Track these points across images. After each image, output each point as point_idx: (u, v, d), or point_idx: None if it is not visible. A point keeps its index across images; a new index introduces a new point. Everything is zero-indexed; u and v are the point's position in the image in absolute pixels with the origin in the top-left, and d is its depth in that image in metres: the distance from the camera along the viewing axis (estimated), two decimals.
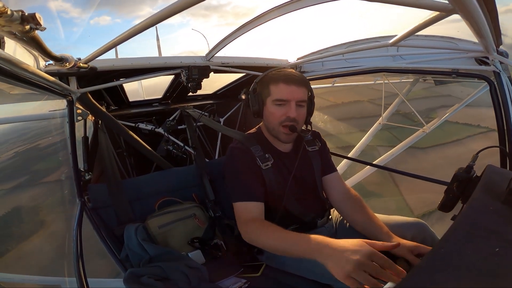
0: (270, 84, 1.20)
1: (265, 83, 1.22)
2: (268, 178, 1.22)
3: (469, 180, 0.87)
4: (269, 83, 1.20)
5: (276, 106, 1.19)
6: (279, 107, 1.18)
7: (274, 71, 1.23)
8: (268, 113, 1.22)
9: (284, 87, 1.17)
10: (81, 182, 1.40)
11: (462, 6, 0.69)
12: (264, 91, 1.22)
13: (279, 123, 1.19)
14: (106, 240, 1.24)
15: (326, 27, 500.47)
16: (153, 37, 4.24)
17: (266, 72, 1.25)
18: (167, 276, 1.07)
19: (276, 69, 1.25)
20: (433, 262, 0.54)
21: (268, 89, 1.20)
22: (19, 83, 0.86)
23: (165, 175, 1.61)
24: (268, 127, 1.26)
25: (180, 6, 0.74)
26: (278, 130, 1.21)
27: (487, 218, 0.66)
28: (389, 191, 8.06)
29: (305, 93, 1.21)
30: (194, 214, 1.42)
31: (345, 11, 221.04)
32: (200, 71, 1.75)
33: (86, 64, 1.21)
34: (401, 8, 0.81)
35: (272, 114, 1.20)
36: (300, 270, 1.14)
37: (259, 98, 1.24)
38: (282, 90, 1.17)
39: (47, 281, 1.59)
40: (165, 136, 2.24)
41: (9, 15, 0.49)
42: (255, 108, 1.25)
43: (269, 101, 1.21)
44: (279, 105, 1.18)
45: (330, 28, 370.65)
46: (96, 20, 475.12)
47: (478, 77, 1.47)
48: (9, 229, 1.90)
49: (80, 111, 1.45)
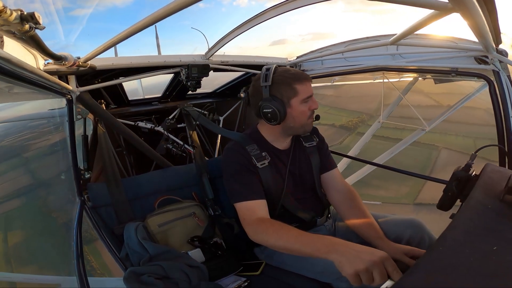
0: (295, 84, 1.17)
1: (285, 84, 1.17)
2: (265, 177, 1.22)
3: (467, 179, 0.87)
4: (293, 84, 1.17)
5: (305, 103, 1.20)
6: (306, 104, 1.21)
7: (285, 72, 1.20)
8: (297, 113, 1.20)
9: (309, 84, 1.21)
10: (80, 181, 1.40)
11: (462, 5, 0.69)
12: (287, 93, 1.18)
13: (308, 117, 1.23)
14: (106, 239, 1.24)
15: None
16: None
17: (277, 75, 1.19)
18: (167, 274, 1.07)
19: (286, 69, 1.22)
20: (431, 261, 0.54)
21: (293, 90, 1.17)
22: (19, 82, 0.86)
23: (165, 173, 1.61)
24: (294, 126, 1.23)
25: (179, 5, 0.74)
26: (307, 123, 1.24)
27: (486, 217, 0.66)
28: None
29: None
30: (193, 213, 1.42)
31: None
32: (199, 70, 1.75)
33: (85, 63, 1.21)
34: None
35: (303, 113, 1.21)
36: (299, 268, 1.15)
37: (279, 101, 1.17)
38: (308, 87, 1.20)
39: (47, 280, 1.59)
40: (164, 134, 2.24)
41: (8, 15, 0.49)
42: (281, 114, 1.17)
43: (296, 102, 1.18)
44: (306, 102, 1.21)
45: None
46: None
47: (478, 76, 1.48)
48: (9, 228, 1.91)
49: (80, 110, 1.45)
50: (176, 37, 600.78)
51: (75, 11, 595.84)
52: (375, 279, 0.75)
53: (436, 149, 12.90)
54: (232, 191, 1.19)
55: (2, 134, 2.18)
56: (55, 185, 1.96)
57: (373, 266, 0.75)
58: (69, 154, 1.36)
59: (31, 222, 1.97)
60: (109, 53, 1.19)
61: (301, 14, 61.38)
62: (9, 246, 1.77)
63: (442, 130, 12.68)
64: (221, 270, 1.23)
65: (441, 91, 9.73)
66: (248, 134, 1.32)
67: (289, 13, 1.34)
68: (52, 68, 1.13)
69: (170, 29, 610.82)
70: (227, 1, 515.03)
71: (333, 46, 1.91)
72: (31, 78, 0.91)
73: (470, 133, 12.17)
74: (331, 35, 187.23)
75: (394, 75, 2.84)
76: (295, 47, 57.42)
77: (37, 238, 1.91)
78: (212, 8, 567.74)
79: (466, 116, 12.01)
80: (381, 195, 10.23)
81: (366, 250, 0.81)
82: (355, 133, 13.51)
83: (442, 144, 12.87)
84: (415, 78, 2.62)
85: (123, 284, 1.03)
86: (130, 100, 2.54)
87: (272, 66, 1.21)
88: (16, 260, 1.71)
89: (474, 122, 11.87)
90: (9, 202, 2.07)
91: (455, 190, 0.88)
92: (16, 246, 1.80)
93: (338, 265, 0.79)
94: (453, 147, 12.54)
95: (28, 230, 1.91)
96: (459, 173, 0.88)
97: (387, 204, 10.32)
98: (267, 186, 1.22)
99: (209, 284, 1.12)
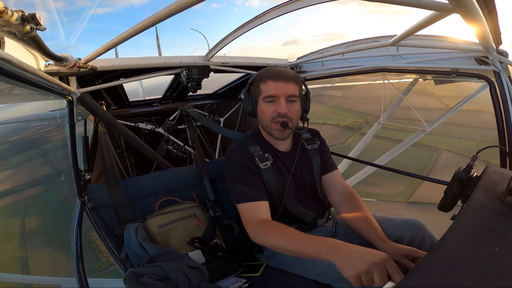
0: (260, 83, 1.22)
1: (256, 83, 1.25)
2: (268, 178, 1.22)
3: (469, 180, 0.87)
4: (259, 82, 1.23)
5: (267, 103, 1.21)
6: (270, 104, 1.20)
7: (264, 70, 1.25)
8: (260, 111, 1.25)
9: (272, 83, 1.19)
10: (81, 182, 1.40)
11: (462, 6, 0.69)
12: (256, 91, 1.25)
13: (271, 119, 1.21)
14: (106, 240, 1.24)
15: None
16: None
17: (257, 72, 1.28)
18: (167, 276, 1.07)
19: (266, 68, 1.27)
20: (433, 262, 0.54)
21: (258, 88, 1.23)
22: (19, 83, 0.86)
23: (165, 175, 1.61)
24: (262, 125, 1.29)
25: (179, 6, 0.75)
26: (271, 127, 1.22)
27: (487, 218, 0.66)
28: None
29: (295, 89, 1.21)
30: (194, 214, 1.42)
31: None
32: (200, 71, 1.75)
33: (86, 64, 1.21)
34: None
35: (264, 112, 1.22)
36: (300, 269, 1.14)
37: (252, 98, 1.27)
38: (270, 86, 1.20)
39: (47, 281, 1.59)
40: (165, 136, 2.24)
41: (9, 15, 0.49)
42: (249, 109, 1.29)
43: (260, 100, 1.23)
44: (270, 102, 1.20)
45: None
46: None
47: (478, 77, 1.47)
48: (9, 229, 1.90)
49: (80, 111, 1.45)
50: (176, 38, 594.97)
51: (96, 10, 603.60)
52: (375, 280, 0.75)
53: (437, 151, 12.94)
54: (235, 192, 1.19)
55: (2, 135, 2.18)
56: (55, 186, 1.96)
57: (374, 267, 0.76)
58: (70, 155, 1.36)
59: (31, 223, 1.97)
60: (109, 54, 1.20)
61: (314, 14, 60.47)
62: (9, 246, 1.77)
63: (446, 132, 12.78)
64: (221, 271, 1.23)
65: (448, 93, 9.74)
66: (250, 135, 1.33)
67: (302, 14, 1.37)
68: (52, 69, 1.13)
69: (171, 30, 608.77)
70: (239, 2, 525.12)
71: (333, 47, 1.91)
72: (31, 79, 0.91)
73: (475, 136, 12.24)
74: (344, 36, 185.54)
75: (395, 76, 2.85)
76: (308, 48, 58.77)
77: (37, 239, 1.90)
78: (225, 8, 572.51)
79: (472, 119, 12.05)
80: (377, 192, 10.50)
81: (367, 252, 0.81)
82: (359, 133, 13.62)
83: (444, 146, 12.93)
84: (415, 79, 2.62)
85: (123, 285, 1.03)
86: (131, 101, 2.54)
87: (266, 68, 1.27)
88: (16, 260, 1.70)
89: (480, 126, 11.92)
90: (9, 202, 2.06)
91: (456, 191, 0.87)
92: (16, 246, 1.80)
93: (339, 266, 0.80)
94: (455, 150, 12.58)
95: (28, 231, 1.90)
96: (460, 174, 0.88)
97: (381, 201, 10.49)
98: (269, 187, 1.22)
99: (209, 285, 1.11)
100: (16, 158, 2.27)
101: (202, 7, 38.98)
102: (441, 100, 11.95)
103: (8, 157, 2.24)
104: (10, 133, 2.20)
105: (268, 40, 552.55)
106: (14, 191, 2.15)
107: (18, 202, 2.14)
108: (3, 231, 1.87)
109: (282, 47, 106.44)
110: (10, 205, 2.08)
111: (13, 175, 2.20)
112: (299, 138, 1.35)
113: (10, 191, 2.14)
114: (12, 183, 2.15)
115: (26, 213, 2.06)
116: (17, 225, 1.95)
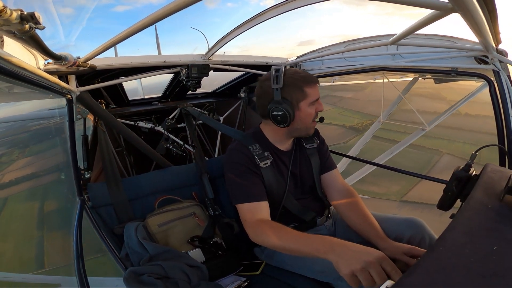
0: (305, 87, 1.18)
1: (295, 87, 1.17)
2: (267, 177, 1.22)
3: (468, 179, 0.87)
4: (303, 86, 1.17)
5: (312, 106, 1.21)
6: (313, 107, 1.22)
7: (296, 74, 1.20)
8: (304, 115, 1.21)
9: (316, 86, 1.21)
10: (80, 181, 1.40)
11: (462, 5, 0.69)
12: (296, 95, 1.18)
13: (312, 120, 1.24)
14: (106, 239, 1.24)
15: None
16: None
17: (289, 76, 1.18)
18: (167, 274, 1.07)
19: (295, 71, 1.23)
20: (432, 261, 0.54)
21: (302, 93, 1.18)
22: (19, 82, 0.86)
23: (165, 173, 1.61)
24: (299, 128, 1.24)
25: (178, 5, 0.74)
26: (311, 126, 1.26)
27: (486, 217, 0.66)
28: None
29: None
30: (194, 213, 1.42)
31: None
32: (199, 70, 1.75)
33: (85, 62, 1.21)
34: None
35: (310, 115, 1.22)
36: (299, 268, 1.15)
37: (288, 103, 1.17)
38: (316, 90, 1.21)
39: (47, 280, 1.59)
40: (164, 134, 2.24)
41: (9, 14, 0.49)
42: (291, 117, 1.18)
43: (304, 104, 1.19)
44: (314, 105, 1.21)
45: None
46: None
47: (478, 76, 1.47)
48: (9, 228, 1.90)
49: (80, 110, 1.45)
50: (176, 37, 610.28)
51: (116, 8, 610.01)
52: (375, 279, 0.75)
53: (439, 154, 13.00)
54: (234, 192, 1.19)
55: (1, 133, 2.18)
56: (55, 185, 1.96)
57: (369, 266, 0.76)
58: (69, 154, 1.36)
59: (30, 222, 1.97)
60: (109, 53, 1.19)
61: (332, 15, 58.75)
62: (8, 246, 1.77)
63: (451, 136, 12.84)
64: (221, 270, 1.23)
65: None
66: (251, 134, 1.33)
67: (319, 14, 1.38)
68: (52, 68, 1.12)
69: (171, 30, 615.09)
70: (254, 1, 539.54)
71: (333, 46, 1.91)
72: (31, 78, 0.91)
73: (479, 141, 12.25)
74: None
75: (394, 75, 2.84)
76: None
77: (37, 238, 1.90)
78: (239, 8, 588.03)
79: (480, 124, 12.07)
80: (372, 190, 10.76)
81: (362, 250, 0.82)
82: (363, 134, 13.68)
83: (446, 150, 12.99)
84: (415, 78, 2.62)
85: (123, 284, 1.03)
86: (130, 100, 2.54)
87: (282, 68, 1.18)
88: (16, 260, 1.70)
89: (486, 131, 11.93)
90: (9, 202, 2.07)
91: (455, 190, 0.87)
92: (16, 246, 1.80)
93: (335, 265, 0.81)
94: (456, 153, 12.64)
95: (28, 230, 1.91)
96: (459, 173, 0.88)
97: (375, 199, 10.68)
98: (269, 186, 1.22)
99: (209, 284, 1.12)
100: (16, 157, 2.27)
101: (217, 6, 37.81)
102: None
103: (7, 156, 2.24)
104: (10, 132, 2.20)
105: (283, 39, 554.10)
106: (14, 190, 2.15)
107: (18, 201, 2.14)
108: (3, 230, 1.87)
109: (298, 47, 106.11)
110: (10, 204, 2.08)
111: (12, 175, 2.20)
112: (298, 137, 1.35)
113: (10, 190, 2.14)
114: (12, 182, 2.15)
115: (25, 212, 2.06)
116: (17, 224, 1.95)
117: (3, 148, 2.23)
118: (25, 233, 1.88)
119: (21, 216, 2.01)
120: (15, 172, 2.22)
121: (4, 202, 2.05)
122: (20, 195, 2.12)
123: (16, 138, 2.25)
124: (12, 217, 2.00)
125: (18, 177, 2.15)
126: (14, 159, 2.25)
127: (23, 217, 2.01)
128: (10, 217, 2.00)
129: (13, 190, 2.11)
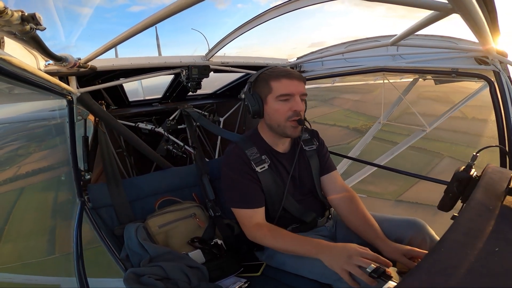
0: (271, 81, 1.18)
1: (263, 81, 1.21)
2: (265, 180, 1.21)
3: (469, 180, 0.86)
4: (269, 80, 1.19)
5: (280, 102, 1.18)
6: (283, 103, 1.18)
7: (272, 69, 1.22)
8: (271, 110, 1.20)
9: (287, 81, 1.17)
10: (81, 182, 1.40)
11: (462, 5, 0.69)
12: (264, 89, 1.20)
13: (286, 118, 1.18)
14: (106, 240, 1.24)
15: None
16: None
17: (260, 71, 1.25)
18: (167, 275, 1.07)
19: (270, 68, 1.25)
20: (433, 262, 0.54)
21: (268, 87, 1.19)
22: (19, 83, 0.86)
23: (165, 174, 1.61)
24: (271, 125, 1.23)
25: (179, 6, 0.74)
26: (285, 125, 1.19)
27: (487, 218, 0.66)
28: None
29: (304, 87, 1.22)
30: (194, 214, 1.42)
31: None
32: (200, 71, 1.75)
33: (86, 64, 1.21)
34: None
35: (277, 111, 1.19)
36: (300, 269, 1.14)
37: (257, 97, 1.21)
38: (285, 85, 1.17)
39: (47, 281, 1.58)
40: (165, 135, 2.24)
41: (9, 15, 0.49)
42: (255, 108, 1.22)
43: (271, 98, 1.19)
44: (284, 101, 1.18)
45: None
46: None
47: (478, 77, 1.47)
48: (8, 228, 1.90)
49: (80, 111, 1.45)
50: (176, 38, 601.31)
51: (132, 8, 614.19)
52: (361, 266, 0.85)
53: (439, 157, 13.02)
54: (231, 197, 1.20)
55: (1, 135, 2.18)
56: (55, 186, 1.96)
57: (351, 258, 0.88)
58: (70, 155, 1.36)
59: (31, 223, 1.96)
60: (109, 54, 1.20)
61: (343, 17, 60.33)
62: (9, 246, 1.77)
63: (454, 140, 12.87)
64: (222, 271, 1.23)
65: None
66: (249, 136, 1.32)
67: (329, 16, 1.37)
68: (52, 69, 1.13)
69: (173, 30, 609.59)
70: (264, 2, 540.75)
71: (333, 47, 1.91)
72: (31, 79, 0.91)
73: (483, 145, 12.26)
74: None
75: (395, 76, 2.84)
76: None
77: (37, 238, 1.90)
78: (249, 9, 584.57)
79: (485, 129, 12.05)
80: (369, 189, 10.92)
81: (341, 246, 0.94)
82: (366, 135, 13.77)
83: (447, 153, 13.02)
84: (415, 79, 2.62)
85: (123, 285, 1.03)
86: (131, 101, 2.54)
87: (269, 67, 1.24)
88: (16, 260, 1.70)
89: (491, 135, 11.92)
90: (9, 202, 2.06)
91: (456, 191, 0.87)
92: (16, 246, 1.80)
93: (327, 264, 0.92)
94: (457, 156, 12.63)
95: (28, 231, 1.90)
96: (460, 173, 0.87)
97: (371, 198, 10.87)
98: (267, 189, 1.22)
99: (209, 285, 1.11)
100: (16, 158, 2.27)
101: (227, 7, 38.53)
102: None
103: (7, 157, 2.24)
104: (9, 133, 2.20)
105: (294, 41, 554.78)
106: (14, 190, 2.15)
107: (17, 202, 2.14)
108: (2, 231, 1.86)
109: (308, 48, 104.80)
110: (10, 205, 2.08)
111: (12, 175, 2.20)
112: (297, 139, 1.34)
113: (10, 190, 2.14)
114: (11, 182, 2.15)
115: (26, 212, 2.06)
116: (17, 225, 1.94)
117: (2, 149, 2.23)
118: (25, 233, 1.88)
119: (21, 217, 2.01)
120: (15, 173, 2.22)
121: (3, 202, 2.05)
122: (20, 195, 2.12)
123: (16, 139, 2.25)
124: (12, 217, 2.00)
125: (17, 178, 2.15)
126: (14, 160, 2.25)
127: (23, 217, 2.01)
128: (10, 217, 2.00)
129: (13, 190, 2.11)
